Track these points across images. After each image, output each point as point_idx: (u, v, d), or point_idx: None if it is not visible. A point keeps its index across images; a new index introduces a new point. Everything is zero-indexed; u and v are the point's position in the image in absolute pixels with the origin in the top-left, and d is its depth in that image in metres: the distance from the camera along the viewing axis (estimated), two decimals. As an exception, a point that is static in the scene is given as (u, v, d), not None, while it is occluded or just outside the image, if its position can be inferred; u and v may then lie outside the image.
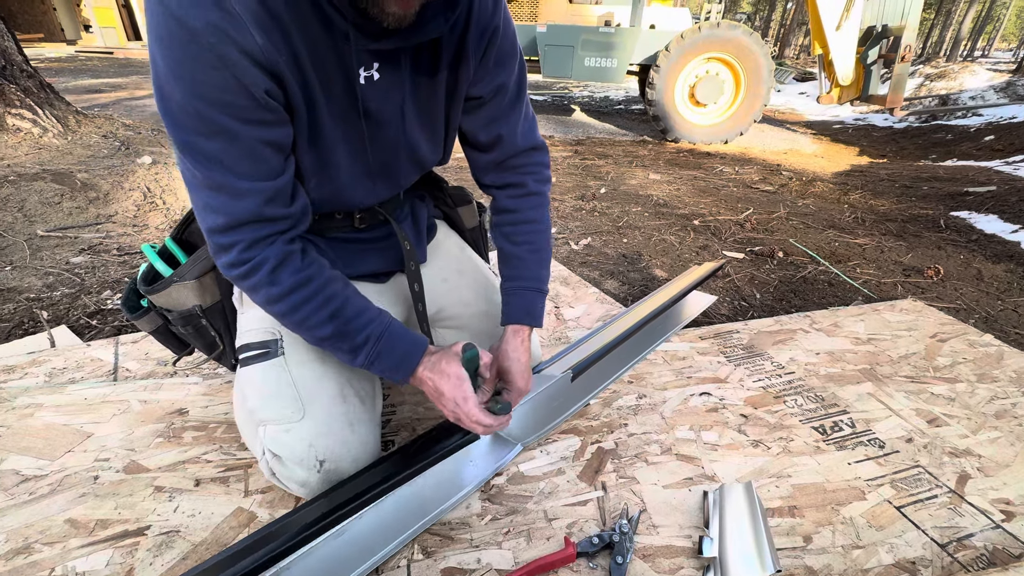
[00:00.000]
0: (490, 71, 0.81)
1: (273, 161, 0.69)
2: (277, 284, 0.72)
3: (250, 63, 0.60)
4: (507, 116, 0.88)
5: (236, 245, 0.70)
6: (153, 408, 1.12)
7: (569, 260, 2.22)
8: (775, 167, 4.54)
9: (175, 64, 0.59)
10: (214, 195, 0.67)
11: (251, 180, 0.67)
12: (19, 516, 0.85)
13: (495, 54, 0.80)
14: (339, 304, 0.76)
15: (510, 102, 0.87)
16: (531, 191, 0.95)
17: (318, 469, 0.81)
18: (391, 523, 0.85)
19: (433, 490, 0.91)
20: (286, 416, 0.81)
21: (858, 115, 8.29)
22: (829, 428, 1.17)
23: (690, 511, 0.94)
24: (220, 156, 0.65)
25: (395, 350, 0.79)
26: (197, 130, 0.63)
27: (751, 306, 1.88)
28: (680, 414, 1.19)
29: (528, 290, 0.94)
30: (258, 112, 0.64)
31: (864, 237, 2.69)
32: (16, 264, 1.94)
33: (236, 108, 0.62)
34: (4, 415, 1.07)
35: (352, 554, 0.79)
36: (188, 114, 0.62)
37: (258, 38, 0.60)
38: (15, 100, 3.16)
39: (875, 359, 1.44)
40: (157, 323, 0.94)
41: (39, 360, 1.29)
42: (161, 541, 0.83)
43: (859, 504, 0.97)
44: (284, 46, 0.62)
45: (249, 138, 0.65)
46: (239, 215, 0.68)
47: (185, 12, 0.56)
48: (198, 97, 0.61)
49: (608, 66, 5.63)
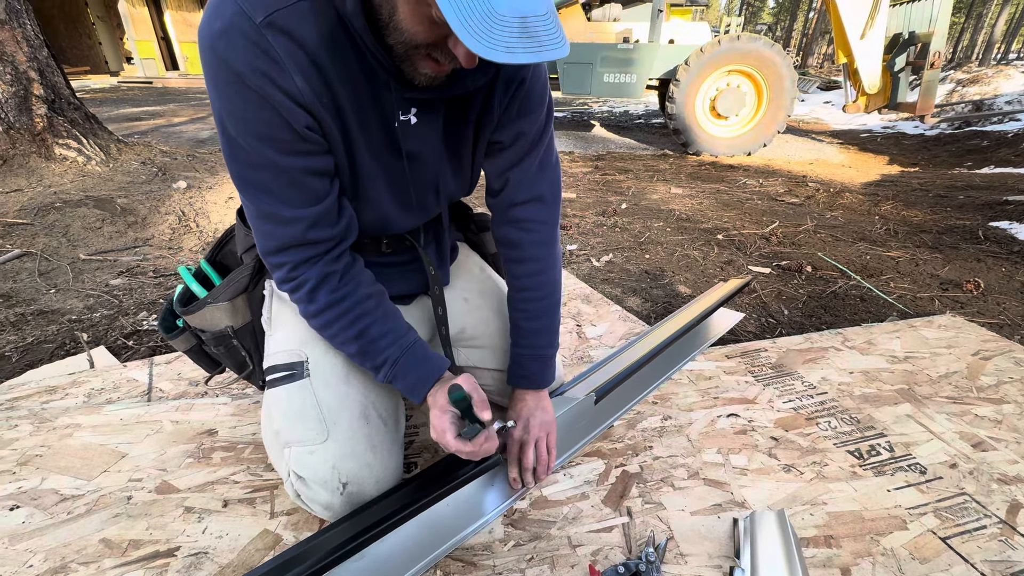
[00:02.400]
0: (513, 120, 0.84)
1: (317, 186, 0.74)
2: (314, 302, 0.79)
3: (291, 102, 0.66)
4: (519, 162, 0.90)
5: (285, 265, 0.77)
6: (184, 428, 1.15)
7: (591, 277, 2.20)
8: (801, 178, 4.45)
9: (227, 102, 0.66)
10: (264, 222, 0.75)
11: (296, 208, 0.73)
12: (57, 535, 0.88)
13: (519, 105, 0.83)
14: (366, 324, 0.81)
15: (526, 149, 0.89)
16: (524, 256, 0.95)
17: (341, 491, 0.82)
18: (413, 547, 0.84)
19: (455, 514, 0.90)
20: (310, 438, 0.82)
21: (887, 123, 8.09)
22: (866, 452, 1.12)
23: (720, 539, 0.91)
24: (268, 186, 0.71)
25: (410, 374, 0.83)
26: (249, 162, 0.70)
27: (779, 323, 1.83)
28: (707, 436, 1.16)
29: (529, 357, 0.99)
30: (300, 144, 0.70)
31: (897, 250, 2.60)
32: (60, 287, 2.04)
33: (280, 142, 0.68)
34: (46, 435, 1.11)
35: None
36: (240, 148, 0.69)
37: (298, 81, 0.65)
38: (62, 131, 3.34)
39: (913, 379, 1.38)
40: (192, 343, 0.98)
41: (79, 381, 1.34)
42: (190, 563, 0.84)
43: (900, 534, 0.92)
44: (324, 89, 0.68)
45: (292, 168, 0.71)
46: (286, 239, 0.75)
47: (232, 56, 0.62)
48: (247, 133, 0.67)
49: (627, 82, 5.65)
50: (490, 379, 1.09)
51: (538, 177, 0.92)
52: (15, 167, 3.14)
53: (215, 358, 1.00)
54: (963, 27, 29.91)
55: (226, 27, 0.61)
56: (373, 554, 0.81)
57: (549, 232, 0.96)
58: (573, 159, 5.18)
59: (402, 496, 0.85)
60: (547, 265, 0.97)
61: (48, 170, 3.22)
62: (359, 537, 0.76)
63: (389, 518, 0.79)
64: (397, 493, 0.86)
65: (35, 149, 3.23)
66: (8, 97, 3.12)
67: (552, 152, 0.94)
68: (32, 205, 2.74)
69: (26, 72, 3.17)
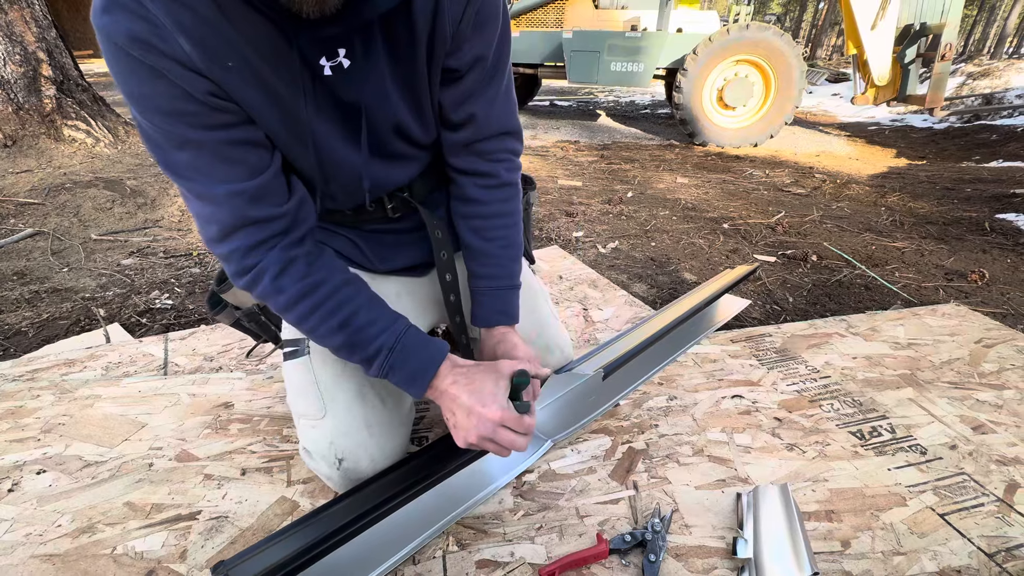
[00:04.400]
0: (468, 38, 0.73)
1: (249, 158, 0.67)
2: (283, 292, 0.70)
3: (182, 68, 0.59)
4: (483, 92, 0.80)
5: (234, 254, 0.69)
6: (201, 401, 1.18)
7: (597, 263, 2.22)
8: (807, 169, 4.44)
9: (123, 82, 0.60)
10: (201, 205, 0.67)
11: (228, 183, 0.65)
12: (83, 498, 0.91)
13: (474, 20, 0.72)
14: (349, 313, 0.73)
15: (487, 76, 0.79)
16: (503, 181, 0.88)
17: (337, 467, 0.84)
18: (427, 514, 0.87)
19: (466, 484, 0.93)
20: (311, 413, 0.85)
21: (895, 116, 8.03)
22: (867, 433, 1.14)
23: (723, 512, 0.93)
24: (193, 165, 0.64)
25: (409, 362, 0.75)
26: (165, 144, 0.63)
27: (783, 310, 1.85)
28: (712, 416, 1.18)
29: (502, 289, 0.91)
30: (210, 115, 0.63)
31: (903, 240, 2.61)
32: (72, 266, 2.07)
33: (187, 115, 0.62)
34: (67, 405, 1.14)
35: (389, 542, 0.82)
36: (152, 129, 0.62)
37: (184, 45, 0.58)
38: (71, 112, 3.35)
39: (916, 364, 1.40)
40: (234, 317, 0.98)
41: (96, 355, 1.37)
42: (212, 526, 0.87)
43: (900, 510, 0.94)
44: (226, 50, 0.60)
45: (212, 142, 0.64)
46: (226, 221, 0.67)
47: (114, 29, 0.56)
48: (152, 111, 0.61)
49: (634, 71, 5.62)
50: None
51: (506, 109, 0.84)
52: (25, 148, 3.16)
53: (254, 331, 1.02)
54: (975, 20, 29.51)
55: (107, 2, 0.56)
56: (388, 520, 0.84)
57: (519, 163, 0.91)
58: (579, 148, 5.17)
59: (412, 470, 0.87)
60: (519, 191, 0.92)
61: (57, 151, 3.23)
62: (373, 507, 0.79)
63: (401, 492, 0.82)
64: (408, 466, 0.89)
65: (44, 130, 3.24)
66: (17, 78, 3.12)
67: (512, 81, 0.86)
68: (42, 185, 2.76)
69: (35, 53, 3.18)
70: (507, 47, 0.80)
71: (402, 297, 0.99)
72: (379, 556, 0.80)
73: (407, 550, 0.82)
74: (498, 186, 0.88)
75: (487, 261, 0.90)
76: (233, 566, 0.70)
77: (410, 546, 0.82)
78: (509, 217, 0.91)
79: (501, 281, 0.91)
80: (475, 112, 0.81)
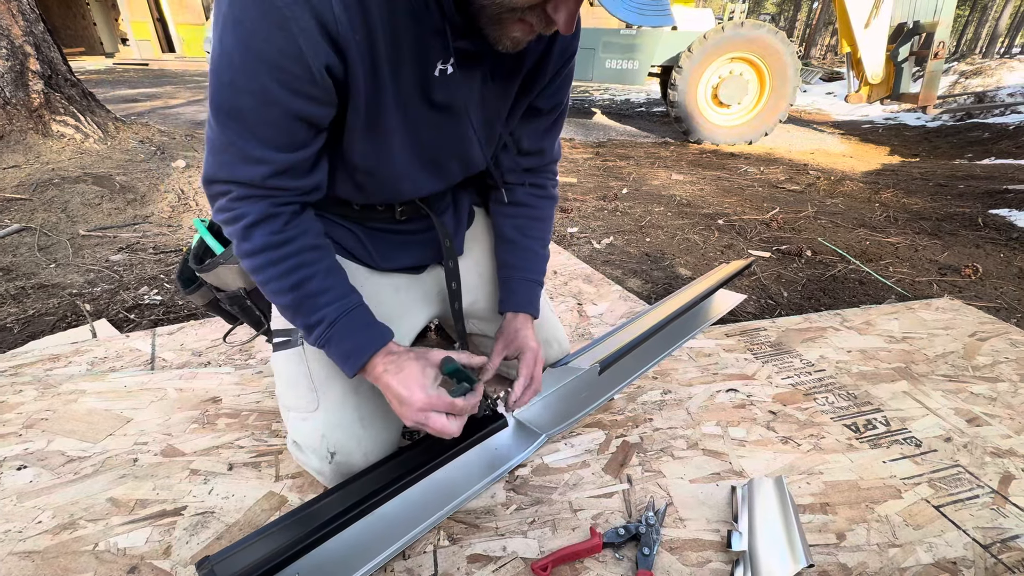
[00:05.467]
0: (557, 88, 0.86)
1: (300, 134, 0.66)
2: (248, 240, 0.69)
3: (320, 33, 0.58)
4: (552, 131, 0.95)
5: (227, 194, 0.68)
6: (188, 396, 1.16)
7: (592, 259, 2.21)
8: (802, 167, 4.45)
9: (240, 12, 0.56)
10: (223, 153, 0.65)
11: (265, 148, 0.64)
12: (65, 494, 0.89)
13: (566, 74, 0.85)
14: (305, 275, 0.71)
15: (559, 118, 0.94)
16: (550, 194, 1.03)
17: (329, 460, 0.82)
18: (417, 509, 0.85)
19: (458, 477, 0.91)
20: (302, 405, 0.84)
21: (888, 114, 8.06)
22: (862, 426, 1.13)
23: (718, 505, 0.92)
24: (246, 116, 0.62)
25: (347, 339, 0.73)
26: (234, 83, 0.60)
27: (778, 304, 1.85)
28: (706, 410, 1.17)
29: (534, 283, 1.00)
30: (308, 86, 0.61)
31: (897, 236, 2.61)
32: (60, 262, 2.03)
33: (286, 74, 0.59)
34: (50, 400, 1.12)
35: (379, 537, 0.80)
36: (232, 63, 0.59)
37: (336, 8, 0.57)
38: (59, 107, 3.31)
39: (910, 358, 1.40)
40: (209, 298, 0.96)
41: (82, 350, 1.35)
42: (197, 521, 0.86)
43: (895, 502, 0.94)
44: (361, 24, 0.60)
45: (286, 108, 0.62)
46: (240, 177, 0.65)
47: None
48: (250, 50, 0.58)
49: (629, 68, 5.61)
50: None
51: (559, 145, 1.02)
52: (12, 143, 3.11)
53: (233, 314, 0.99)
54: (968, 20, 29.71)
55: None
56: (379, 514, 0.82)
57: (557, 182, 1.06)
58: (574, 146, 5.16)
59: (405, 461, 0.86)
60: (556, 203, 1.06)
61: (45, 147, 3.19)
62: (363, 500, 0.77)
63: (393, 483, 0.81)
64: (400, 458, 0.87)
65: (32, 125, 3.19)
66: (4, 72, 3.07)
67: None
68: (30, 181, 2.72)
69: (22, 47, 3.13)
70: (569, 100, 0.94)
71: (400, 292, 0.98)
72: (369, 551, 0.79)
73: (398, 545, 0.80)
74: (546, 196, 1.02)
75: (524, 255, 1.00)
76: (218, 561, 0.68)
77: (400, 541, 0.81)
78: (548, 223, 1.04)
79: (534, 275, 1.00)
80: (545, 147, 0.96)
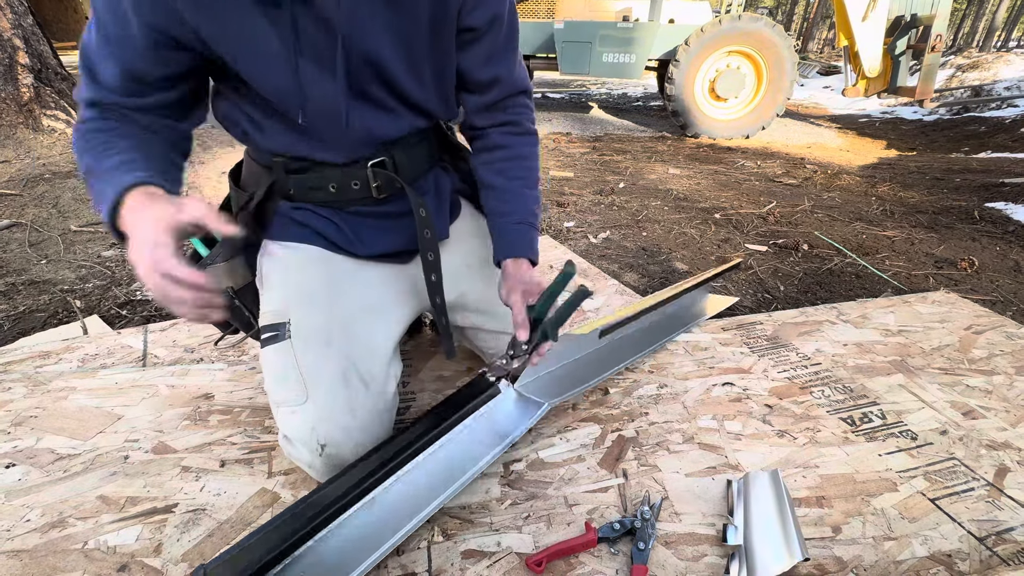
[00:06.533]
0: None
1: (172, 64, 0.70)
2: (84, 122, 0.72)
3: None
4: (504, 54, 0.86)
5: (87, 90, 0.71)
6: (180, 392, 1.15)
7: (588, 253, 2.20)
8: (799, 161, 4.44)
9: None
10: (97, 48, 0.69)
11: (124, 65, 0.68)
12: (54, 492, 0.88)
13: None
14: (114, 146, 0.70)
15: (506, 38, 0.85)
16: (526, 130, 0.95)
17: (320, 453, 0.82)
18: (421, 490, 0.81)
19: (460, 454, 0.88)
20: (291, 399, 0.83)
21: (885, 108, 8.06)
22: (858, 419, 1.13)
23: (713, 499, 0.92)
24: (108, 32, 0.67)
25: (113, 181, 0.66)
26: None
27: (775, 298, 1.84)
28: (702, 404, 1.17)
29: (527, 225, 0.92)
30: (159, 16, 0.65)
31: (893, 229, 2.61)
32: (51, 257, 2.01)
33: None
34: (40, 397, 1.11)
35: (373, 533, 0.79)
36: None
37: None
38: (50, 102, 3.27)
39: (906, 351, 1.40)
40: None
41: (72, 347, 1.33)
42: (188, 518, 0.85)
43: (891, 495, 0.93)
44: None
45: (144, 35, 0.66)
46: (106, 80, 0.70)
47: None
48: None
49: (626, 62, 5.58)
50: (492, 340, 1.08)
51: (523, 71, 0.92)
52: (2, 138, 3.08)
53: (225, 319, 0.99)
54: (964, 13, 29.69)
55: None
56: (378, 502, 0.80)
57: (534, 118, 0.98)
58: (571, 139, 5.14)
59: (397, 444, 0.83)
60: (538, 140, 0.98)
61: (36, 141, 3.15)
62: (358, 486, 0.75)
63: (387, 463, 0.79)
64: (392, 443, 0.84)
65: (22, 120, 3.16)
66: (-7, 66, 3.04)
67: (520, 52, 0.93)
68: (20, 176, 2.69)
69: (10, 40, 3.09)
70: (516, 16, 0.86)
71: (386, 284, 0.97)
72: (365, 549, 0.77)
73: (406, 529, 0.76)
74: (522, 133, 0.94)
75: (508, 198, 0.93)
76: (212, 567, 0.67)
77: (409, 525, 0.77)
78: (531, 160, 0.95)
79: (521, 216, 0.92)
80: (500, 74, 0.87)
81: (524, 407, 1.00)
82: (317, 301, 0.89)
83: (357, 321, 0.90)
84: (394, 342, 0.95)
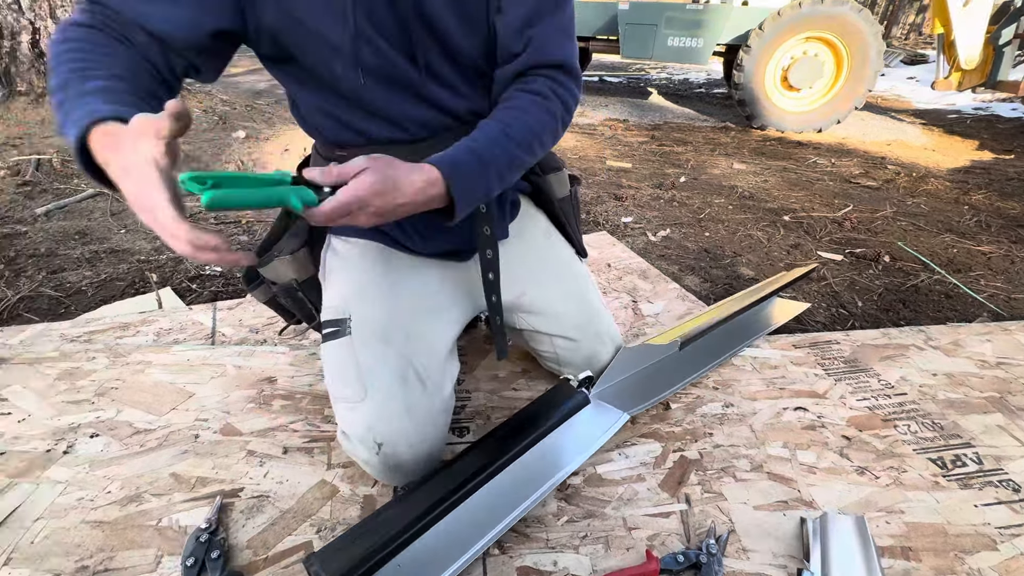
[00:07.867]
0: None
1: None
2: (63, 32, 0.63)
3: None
4: (547, 16, 0.75)
5: None
6: (246, 374, 1.18)
7: (646, 252, 2.12)
8: (878, 160, 4.11)
9: None
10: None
11: None
12: (132, 466, 0.92)
13: None
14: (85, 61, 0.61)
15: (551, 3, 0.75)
16: (533, 90, 0.76)
17: (376, 451, 0.81)
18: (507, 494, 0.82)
19: (543, 462, 0.87)
20: (350, 396, 0.83)
21: (979, 104, 7.32)
22: (950, 462, 1.03)
23: (785, 538, 0.86)
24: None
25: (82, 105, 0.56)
26: None
27: (851, 315, 1.71)
28: (772, 429, 1.10)
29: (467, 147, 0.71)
30: None
31: (989, 244, 2.37)
32: (129, 227, 2.13)
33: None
34: (120, 370, 1.17)
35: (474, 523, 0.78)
36: None
37: None
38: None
39: (1006, 387, 1.26)
40: (269, 294, 0.99)
41: (148, 320, 1.40)
42: (253, 504, 0.87)
43: (989, 554, 0.84)
44: None
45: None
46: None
47: None
48: None
49: (693, 46, 5.29)
50: (550, 345, 1.06)
51: (566, 41, 0.78)
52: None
53: (289, 309, 1.01)
54: (1081, -3, 26.38)
55: None
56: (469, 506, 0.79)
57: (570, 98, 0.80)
58: (628, 127, 4.96)
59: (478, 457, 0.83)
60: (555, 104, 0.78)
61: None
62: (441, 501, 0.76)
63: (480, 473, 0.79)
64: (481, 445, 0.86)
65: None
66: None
67: (573, 27, 0.80)
68: (104, 147, 2.85)
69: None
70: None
71: (444, 282, 0.96)
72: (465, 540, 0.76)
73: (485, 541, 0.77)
74: (529, 91, 0.76)
75: (477, 130, 0.75)
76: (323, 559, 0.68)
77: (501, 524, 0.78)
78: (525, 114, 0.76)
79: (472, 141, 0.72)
80: (534, 35, 0.74)
81: (603, 416, 0.97)
82: (377, 298, 0.89)
83: (416, 319, 0.90)
84: (451, 342, 0.94)
